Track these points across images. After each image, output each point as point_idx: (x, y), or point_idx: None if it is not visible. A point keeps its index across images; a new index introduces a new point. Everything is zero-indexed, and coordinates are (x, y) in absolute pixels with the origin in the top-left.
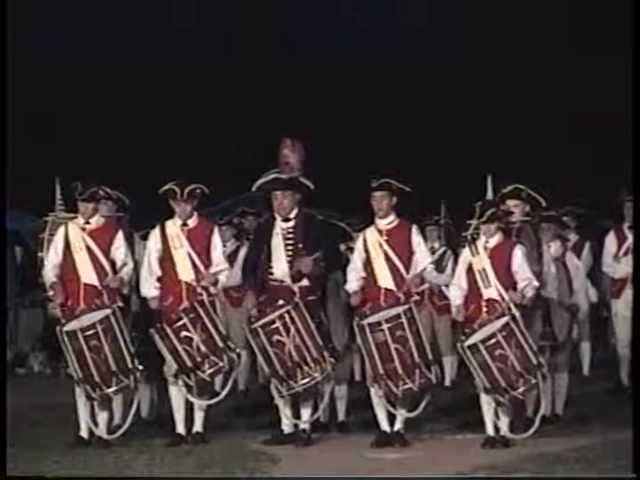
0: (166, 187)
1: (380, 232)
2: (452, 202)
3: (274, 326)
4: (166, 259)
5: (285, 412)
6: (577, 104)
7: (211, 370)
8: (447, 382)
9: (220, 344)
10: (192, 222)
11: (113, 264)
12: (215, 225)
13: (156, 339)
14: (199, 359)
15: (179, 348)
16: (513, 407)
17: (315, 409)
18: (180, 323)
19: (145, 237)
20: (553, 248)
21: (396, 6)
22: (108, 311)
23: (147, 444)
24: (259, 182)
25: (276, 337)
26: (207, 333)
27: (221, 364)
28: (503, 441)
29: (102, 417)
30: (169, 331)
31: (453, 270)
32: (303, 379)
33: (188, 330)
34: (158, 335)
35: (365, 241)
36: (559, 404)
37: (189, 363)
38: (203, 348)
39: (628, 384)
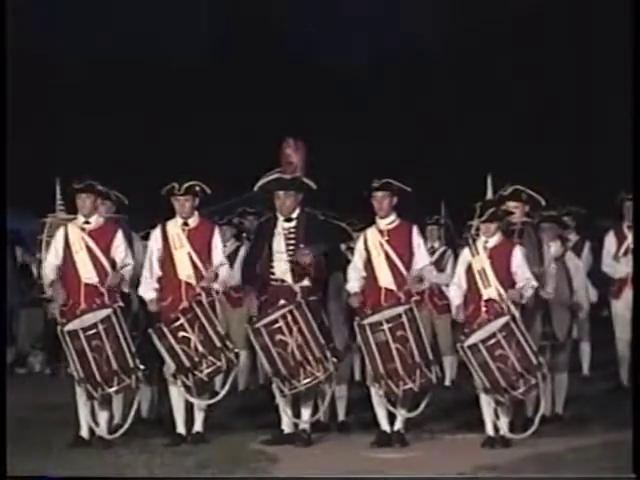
0: (168, 186)
1: (381, 232)
2: (452, 202)
3: (277, 325)
4: (166, 259)
5: (286, 412)
6: (577, 103)
7: (209, 370)
8: (447, 382)
9: (218, 344)
10: (193, 222)
11: (113, 264)
12: (216, 225)
13: (154, 339)
14: (197, 359)
15: (177, 348)
16: (513, 407)
17: (316, 409)
18: (178, 323)
19: (146, 237)
20: (553, 248)
21: (397, 6)
22: (109, 310)
23: (147, 444)
24: (261, 182)
25: (279, 336)
26: (205, 333)
27: (219, 364)
28: (503, 441)
29: (102, 417)
30: (166, 331)
31: (453, 270)
32: (305, 378)
33: (185, 330)
34: (156, 335)
35: (366, 241)
36: (559, 404)
37: (187, 363)
38: (201, 348)
39: (628, 384)
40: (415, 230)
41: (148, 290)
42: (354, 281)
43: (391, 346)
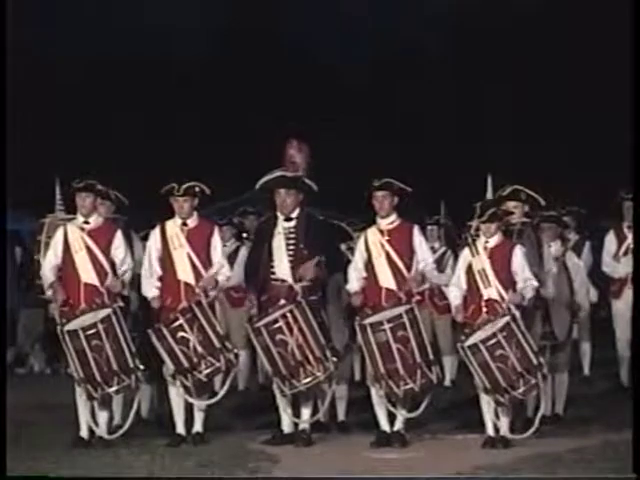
0: (167, 186)
1: (382, 232)
2: (452, 202)
3: (277, 325)
4: (166, 259)
5: (286, 412)
6: (577, 103)
7: (208, 371)
8: (447, 382)
9: (217, 344)
10: (192, 222)
11: (113, 264)
12: (215, 225)
13: (153, 340)
14: (196, 360)
15: (176, 349)
16: (513, 407)
17: (315, 409)
18: (177, 324)
19: (145, 237)
20: (554, 248)
21: (397, 6)
22: (109, 310)
23: (147, 444)
24: (264, 179)
25: (279, 336)
26: (204, 334)
27: (218, 364)
28: (503, 441)
29: (102, 417)
30: (165, 332)
31: (453, 270)
32: (306, 378)
33: (185, 331)
34: (155, 335)
35: (366, 241)
36: (559, 404)
37: (186, 364)
38: (200, 349)
39: (628, 384)
40: (416, 230)
41: (150, 289)
42: (355, 281)
43: (392, 346)
